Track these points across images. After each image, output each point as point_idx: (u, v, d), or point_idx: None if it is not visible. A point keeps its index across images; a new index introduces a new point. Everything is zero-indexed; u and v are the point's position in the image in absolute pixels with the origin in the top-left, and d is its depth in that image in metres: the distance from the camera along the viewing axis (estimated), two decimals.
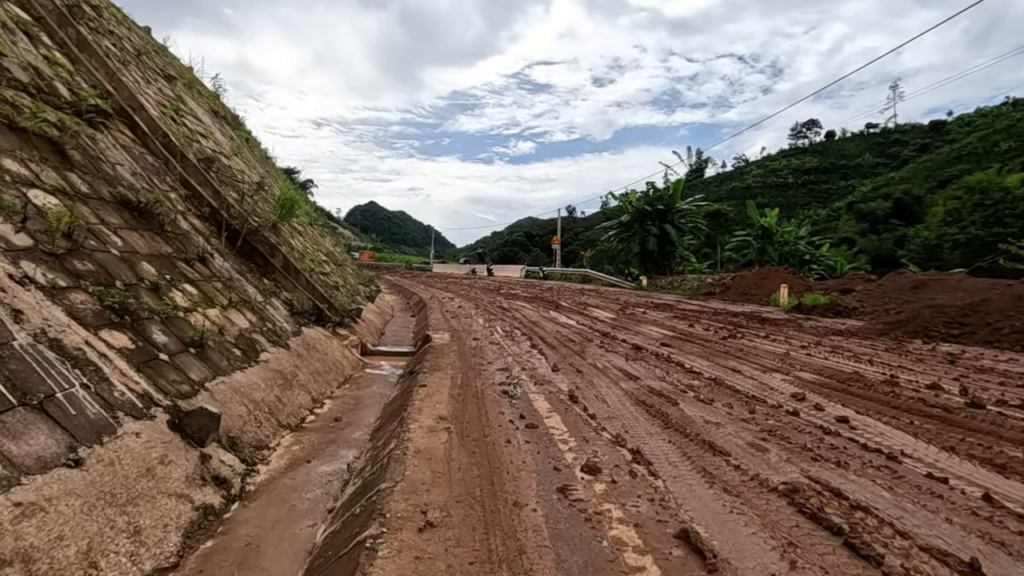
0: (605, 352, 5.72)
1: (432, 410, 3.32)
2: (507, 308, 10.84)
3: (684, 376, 4.53)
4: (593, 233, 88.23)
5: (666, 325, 8.28)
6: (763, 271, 16.07)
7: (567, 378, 4.42)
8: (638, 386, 4.15)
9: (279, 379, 3.87)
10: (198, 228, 5.10)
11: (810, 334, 7.44)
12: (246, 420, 3.09)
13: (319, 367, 4.73)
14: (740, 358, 5.39)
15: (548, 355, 5.51)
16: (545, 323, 8.43)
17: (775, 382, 4.31)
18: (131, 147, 5.18)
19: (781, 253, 21.25)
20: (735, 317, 9.65)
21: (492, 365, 4.93)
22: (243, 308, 4.47)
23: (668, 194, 22.65)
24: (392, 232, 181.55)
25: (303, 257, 8.38)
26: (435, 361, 5.00)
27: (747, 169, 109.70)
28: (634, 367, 4.90)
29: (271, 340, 4.38)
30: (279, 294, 5.65)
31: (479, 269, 38.54)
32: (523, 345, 6.20)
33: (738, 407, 3.54)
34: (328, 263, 10.23)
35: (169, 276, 3.75)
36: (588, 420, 3.23)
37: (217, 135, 9.74)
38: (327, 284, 8.51)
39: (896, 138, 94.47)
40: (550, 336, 6.94)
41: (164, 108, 7.39)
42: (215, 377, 3.19)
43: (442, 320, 8.61)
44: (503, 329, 7.66)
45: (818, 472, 2.43)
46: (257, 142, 18.07)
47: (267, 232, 7.26)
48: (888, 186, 65.22)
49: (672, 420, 3.21)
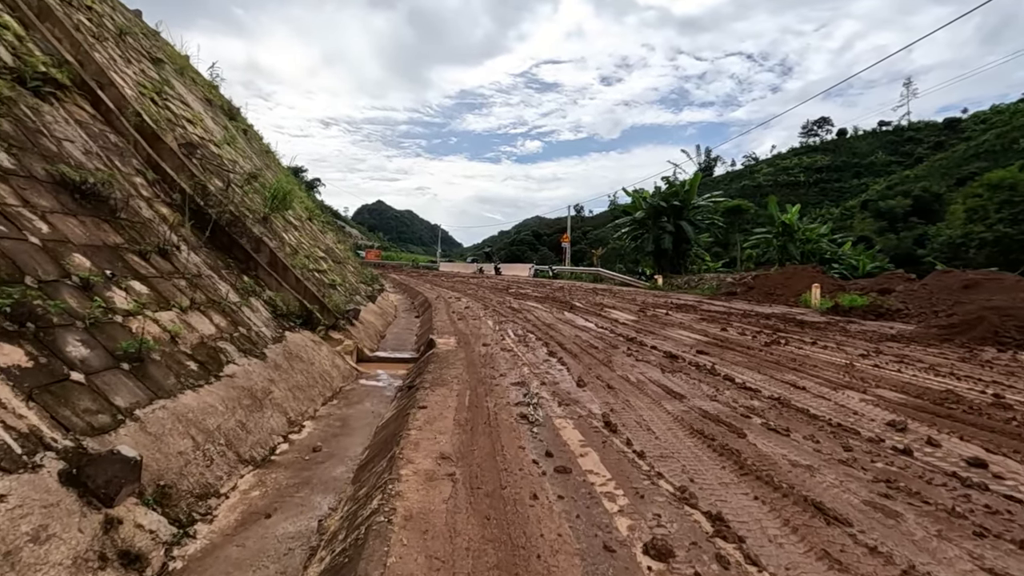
0: (635, 361, 4.95)
1: (432, 444, 2.57)
2: (518, 309, 10.09)
3: (738, 394, 3.74)
4: (602, 232, 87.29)
5: (695, 328, 7.48)
6: (788, 270, 15.16)
7: (597, 396, 3.66)
8: (686, 408, 3.37)
9: (246, 398, 3.15)
10: (164, 216, 4.40)
11: (861, 340, 6.60)
12: (190, 458, 2.36)
13: (301, 380, 4.01)
14: (796, 370, 4.59)
15: (570, 365, 4.74)
16: (561, 326, 7.67)
17: (854, 403, 3.52)
18: (89, 124, 4.50)
19: (803, 251, 20.25)
20: (767, 319, 8.82)
21: (505, 378, 4.18)
22: (210, 310, 3.76)
23: (684, 190, 21.71)
24: (400, 231, 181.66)
25: (296, 252, 7.70)
26: (439, 373, 4.26)
27: (757, 167, 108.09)
28: (674, 381, 4.13)
29: (243, 349, 3.66)
30: (261, 294, 4.94)
31: (486, 268, 37.86)
32: (539, 352, 5.44)
33: (825, 440, 2.76)
34: (326, 260, 9.55)
35: (111, 271, 3.04)
36: (635, 460, 2.47)
37: (208, 123, 9.09)
38: (322, 283, 7.82)
39: (910, 136, 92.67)
40: (568, 341, 6.17)
41: (144, 89, 6.73)
42: (152, 401, 2.47)
43: (448, 322, 7.88)
44: (515, 333, 6.91)
45: (997, 560, 1.65)
46: (259, 136, 17.50)
47: (254, 224, 6.58)
48: (903, 184, 63.56)
49: (747, 461, 2.44)
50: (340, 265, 10.88)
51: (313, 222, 12.91)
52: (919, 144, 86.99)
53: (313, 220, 12.97)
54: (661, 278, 19.50)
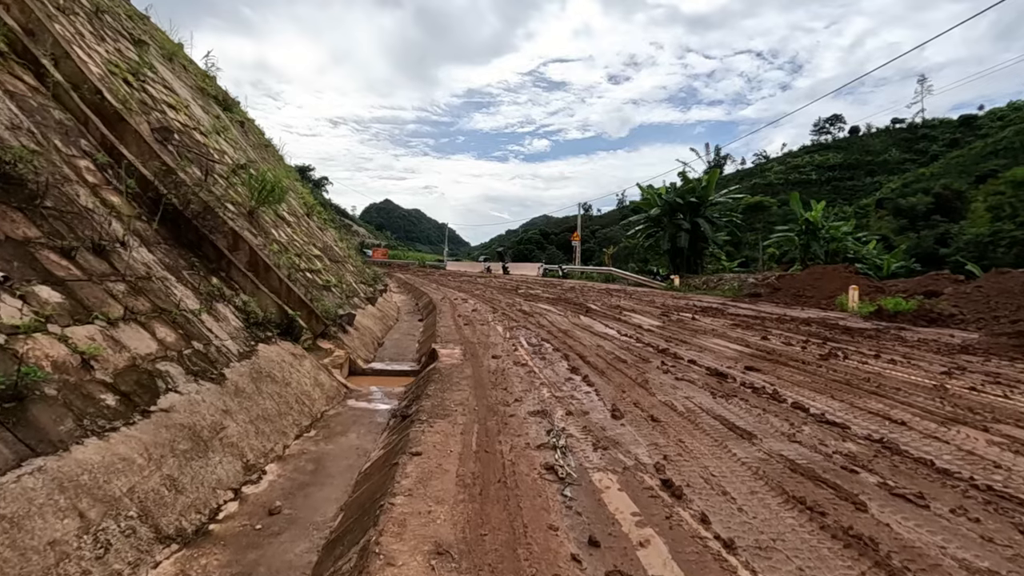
0: (675, 381, 4.14)
1: (424, 523, 1.79)
2: (529, 312, 9.29)
3: (821, 431, 2.92)
4: (611, 231, 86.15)
5: (731, 336, 6.64)
6: (816, 270, 14.20)
7: (640, 434, 2.86)
8: (763, 454, 2.56)
9: (184, 440, 2.39)
10: (114, 206, 3.67)
11: (928, 351, 5.72)
12: (68, 551, 1.61)
13: (270, 407, 3.26)
14: (877, 394, 3.76)
15: (598, 386, 3.95)
16: (579, 332, 6.86)
17: (983, 448, 2.68)
18: (26, 97, 3.78)
19: (827, 250, 19.20)
20: (807, 325, 7.94)
21: (521, 405, 3.39)
22: (155, 321, 3.01)
23: (701, 186, 20.71)
24: (407, 230, 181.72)
25: (286, 250, 6.97)
26: (440, 397, 3.48)
27: (768, 166, 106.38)
28: (732, 411, 3.31)
29: (193, 370, 2.91)
30: (233, 298, 4.20)
31: (494, 267, 37.14)
32: (559, 367, 4.65)
33: (988, 518, 1.94)
34: (321, 258, 8.83)
35: (3, 275, 2.30)
36: (723, 555, 1.67)
37: (195, 110, 8.40)
38: (314, 284, 7.08)
39: (924, 133, 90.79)
40: (591, 353, 5.37)
41: (115, 68, 6.04)
42: (23, 463, 1.71)
43: (453, 328, 7.11)
44: (529, 341, 6.12)
45: None
46: (259, 130, 16.86)
47: (235, 218, 5.86)
48: (919, 182, 61.77)
49: (892, 560, 1.63)
50: (338, 264, 10.17)
51: (312, 218, 12.22)
52: (934, 142, 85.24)
53: (312, 216, 12.28)
54: (678, 278, 18.58)
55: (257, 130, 15.87)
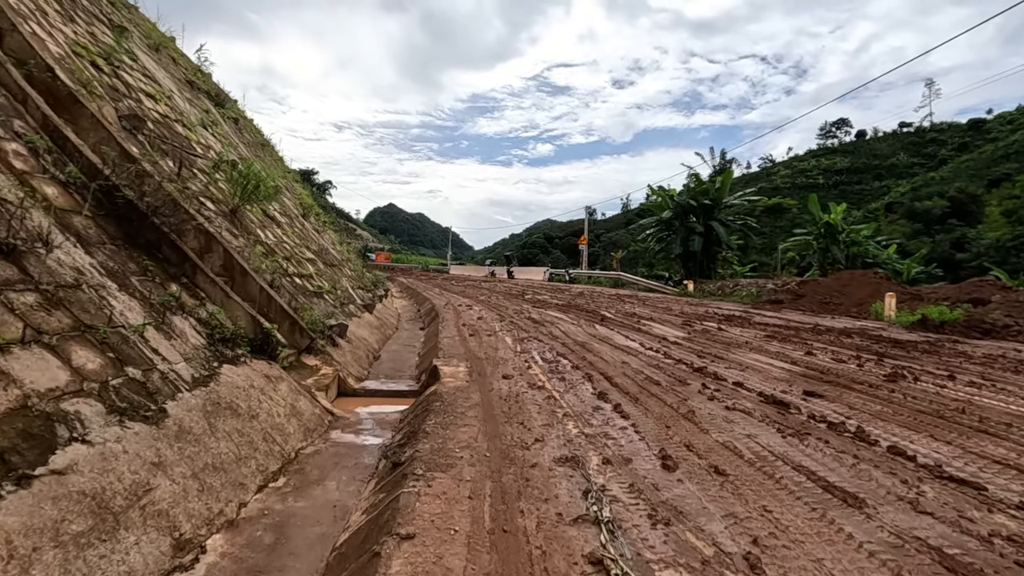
0: (727, 411, 3.41)
1: None
2: (539, 321, 8.58)
3: (952, 494, 2.19)
4: (616, 235, 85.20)
5: (770, 351, 5.90)
6: (843, 276, 13.40)
7: (708, 496, 2.14)
8: (889, 535, 1.84)
9: (81, 518, 1.70)
10: (45, 197, 3.00)
11: (1006, 371, 4.96)
12: None
13: (228, 450, 2.56)
14: (987, 433, 3.01)
15: (634, 417, 3.23)
16: (597, 345, 6.15)
17: None
18: None
19: (847, 254, 18.36)
20: (848, 337, 7.18)
21: (545, 448, 2.68)
22: (74, 343, 2.33)
23: (715, 188, 19.94)
24: (411, 234, 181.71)
25: (273, 253, 6.31)
26: (441, 437, 2.78)
27: (774, 170, 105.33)
28: (815, 458, 2.59)
29: (119, 407, 2.23)
30: (196, 309, 3.52)
31: (499, 271, 36.49)
32: (583, 391, 3.93)
33: None
34: (316, 262, 8.17)
35: None
36: None
37: (180, 103, 7.79)
38: (305, 290, 6.42)
39: (932, 137, 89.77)
40: (616, 371, 4.66)
41: (82, 50, 5.43)
42: None
43: (457, 339, 6.41)
44: (543, 356, 5.41)
45: None
46: (257, 129, 16.30)
47: (215, 216, 5.21)
48: (928, 186, 60.69)
49: None
50: (335, 269, 9.51)
51: (309, 219, 11.59)
52: (942, 146, 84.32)
53: (309, 217, 11.65)
54: (691, 283, 17.79)
55: (254, 129, 15.30)
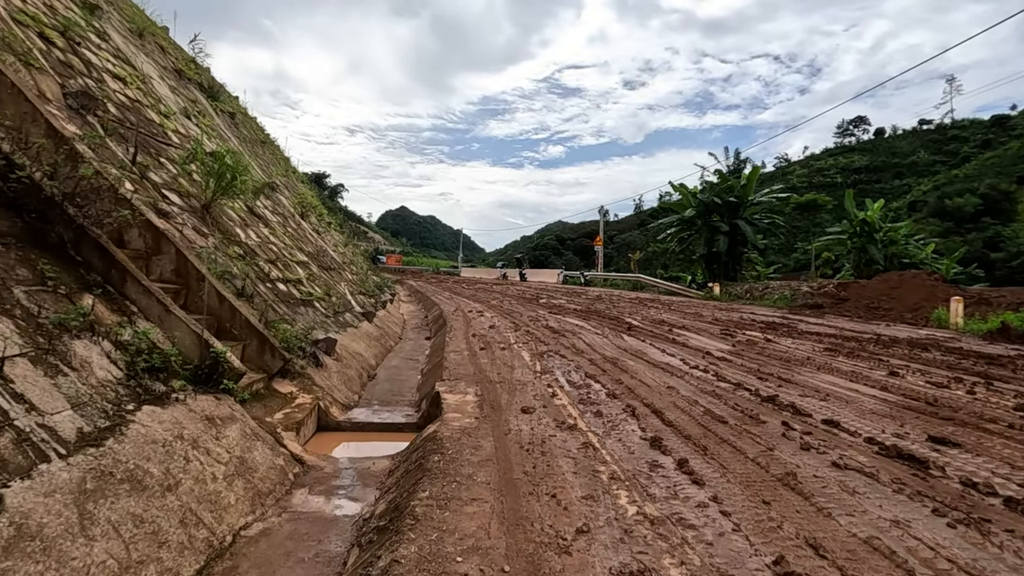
0: (836, 470, 2.43)
1: None
2: (558, 330, 7.63)
3: None
4: (629, 236, 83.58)
5: (841, 370, 4.87)
6: (891, 278, 12.20)
7: None
8: None
9: None
10: None
11: None
12: None
13: (102, 558, 1.66)
14: None
15: (711, 482, 2.27)
16: (631, 362, 5.18)
17: None
18: None
19: (886, 255, 17.03)
20: (925, 350, 6.10)
21: (593, 546, 1.73)
22: None
23: (740, 185, 18.74)
24: (423, 236, 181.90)
25: (252, 255, 5.47)
26: (435, 527, 1.85)
27: (790, 169, 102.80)
28: None
29: None
30: (116, 329, 2.65)
31: (511, 274, 35.58)
32: (628, 432, 2.98)
33: None
34: (308, 265, 7.33)
35: None
36: None
37: (157, 89, 7.04)
38: (290, 298, 5.56)
39: (954, 134, 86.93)
40: (662, 399, 3.69)
41: (30, 20, 4.69)
42: None
43: (466, 354, 5.50)
44: (569, 378, 4.46)
45: None
46: (258, 126, 15.63)
47: (172, 212, 4.38)
48: (952, 184, 58.24)
49: None
50: (332, 272, 8.67)
51: (309, 219, 10.80)
52: (964, 143, 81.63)
53: (309, 216, 10.86)
54: (718, 286, 16.64)
55: (255, 126, 14.63)
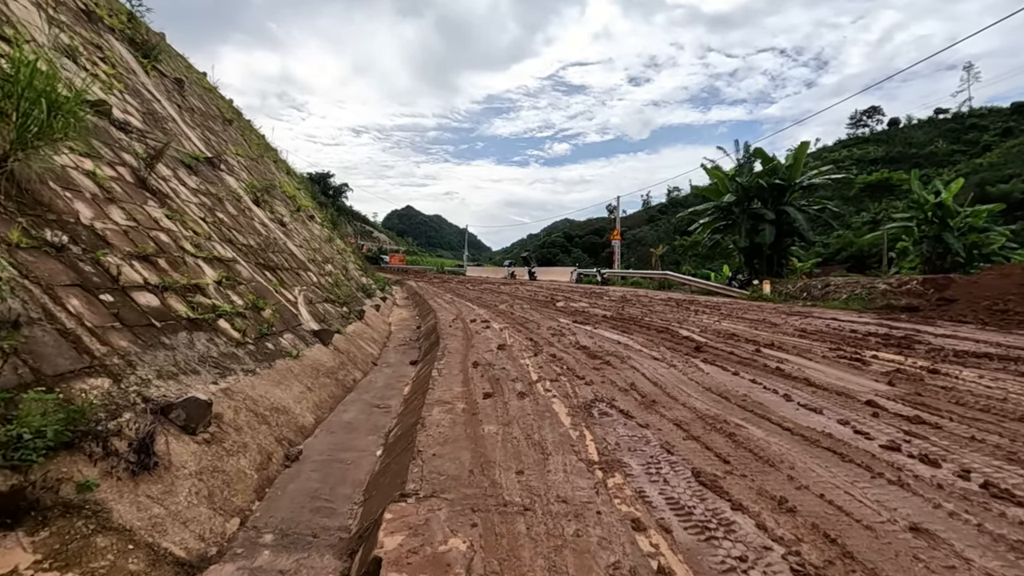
0: None
1: None
2: (595, 352, 5.28)
3: None
4: (639, 231, 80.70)
5: None
6: (1013, 271, 9.67)
7: None
8: None
9: None
10: None
11: None
12: None
13: None
14: None
15: None
16: (756, 430, 2.82)
17: None
18: None
19: (966, 244, 14.42)
20: None
21: None
22: None
23: (786, 166, 16.16)
24: (428, 235, 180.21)
25: (95, 245, 3.17)
26: None
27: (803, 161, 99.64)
28: None
29: None
30: None
31: (519, 272, 33.23)
32: None
33: None
34: (236, 263, 5.01)
35: None
36: None
37: (29, 29, 4.77)
38: (163, 317, 3.25)
39: (973, 123, 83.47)
40: None
41: None
42: None
43: (460, 410, 3.15)
44: (663, 489, 2.10)
45: None
46: (226, 101, 13.44)
47: None
48: (976, 173, 54.86)
49: None
50: (282, 274, 6.36)
51: (270, 205, 8.51)
52: (984, 131, 78.31)
53: (270, 203, 8.56)
54: (768, 284, 14.13)
55: (216, 95, 12.37)
